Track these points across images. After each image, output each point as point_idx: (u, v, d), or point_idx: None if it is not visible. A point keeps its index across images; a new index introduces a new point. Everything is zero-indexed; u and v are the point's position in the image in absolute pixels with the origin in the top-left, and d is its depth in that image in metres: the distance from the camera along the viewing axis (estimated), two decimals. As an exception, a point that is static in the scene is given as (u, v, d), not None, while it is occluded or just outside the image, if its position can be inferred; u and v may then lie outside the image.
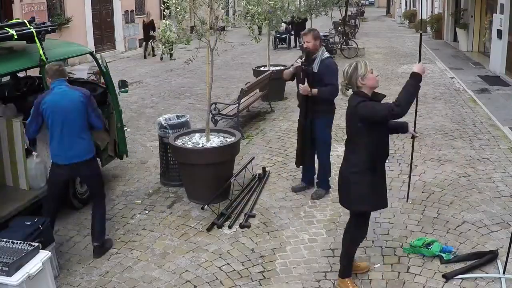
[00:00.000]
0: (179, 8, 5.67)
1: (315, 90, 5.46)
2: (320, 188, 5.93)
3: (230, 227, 5.22)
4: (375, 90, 3.90)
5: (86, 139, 4.56)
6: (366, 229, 4.18)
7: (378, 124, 3.78)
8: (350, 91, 3.94)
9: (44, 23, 5.28)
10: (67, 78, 4.70)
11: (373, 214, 5.42)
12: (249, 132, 8.59)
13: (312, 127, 5.68)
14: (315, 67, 5.47)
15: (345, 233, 4.19)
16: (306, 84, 5.43)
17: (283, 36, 20.16)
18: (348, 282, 4.10)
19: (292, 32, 20.13)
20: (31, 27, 4.88)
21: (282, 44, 20.42)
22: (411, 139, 4.54)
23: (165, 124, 6.24)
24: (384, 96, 3.90)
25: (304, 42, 5.64)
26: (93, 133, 4.85)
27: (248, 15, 6.44)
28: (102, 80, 6.23)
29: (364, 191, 3.86)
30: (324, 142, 5.80)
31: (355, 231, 4.11)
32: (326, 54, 5.63)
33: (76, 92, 4.49)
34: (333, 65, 5.60)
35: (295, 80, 5.84)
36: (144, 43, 18.41)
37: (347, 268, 4.13)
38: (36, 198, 5.10)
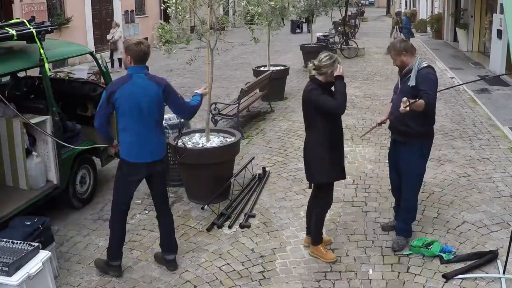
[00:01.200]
0: (179, 8, 5.68)
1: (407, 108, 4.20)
2: (398, 236, 4.77)
3: (230, 227, 5.22)
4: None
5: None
6: (331, 197, 4.68)
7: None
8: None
9: (43, 22, 5.28)
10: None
11: (373, 214, 5.44)
12: (249, 132, 8.59)
13: (398, 157, 4.72)
14: (412, 81, 4.47)
15: (311, 205, 4.70)
16: (405, 99, 4.15)
17: (298, 23, 25.74)
18: (321, 247, 4.60)
19: (303, 20, 23.31)
20: (31, 27, 4.88)
21: (297, 30, 26.28)
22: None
23: (165, 124, 6.22)
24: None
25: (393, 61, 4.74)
26: (91, 132, 4.85)
27: (248, 15, 6.45)
28: (102, 80, 6.22)
29: (323, 166, 4.38)
30: (412, 174, 4.69)
31: (322, 201, 4.61)
32: (424, 64, 4.55)
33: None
34: (432, 75, 4.48)
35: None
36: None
37: (318, 236, 4.64)
38: (36, 198, 5.09)
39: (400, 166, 4.71)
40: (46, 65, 4.91)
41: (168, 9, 5.71)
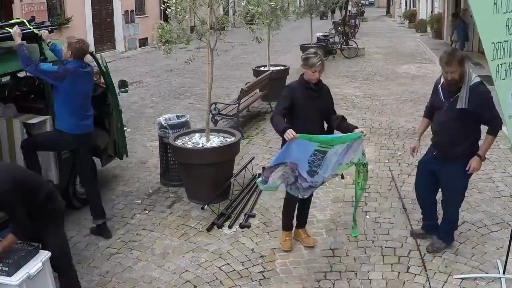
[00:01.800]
0: (179, 8, 5.67)
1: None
2: (440, 240, 4.69)
3: (230, 227, 5.22)
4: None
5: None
6: None
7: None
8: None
9: (43, 22, 5.28)
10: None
11: (373, 214, 5.45)
12: (249, 132, 8.59)
13: (441, 174, 4.49)
14: (462, 102, 4.08)
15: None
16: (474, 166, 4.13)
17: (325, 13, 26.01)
18: (285, 233, 4.78)
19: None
20: (31, 27, 4.88)
21: (324, 17, 26.78)
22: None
23: (165, 124, 6.24)
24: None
25: (447, 74, 4.15)
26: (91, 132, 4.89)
27: (248, 15, 6.45)
28: (102, 80, 6.22)
29: None
30: (457, 193, 4.52)
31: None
32: (477, 79, 4.12)
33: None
34: (490, 94, 4.11)
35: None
36: None
37: (284, 222, 4.83)
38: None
39: (445, 183, 4.49)
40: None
41: (168, 9, 5.70)
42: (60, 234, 3.80)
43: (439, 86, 4.39)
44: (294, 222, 4.89)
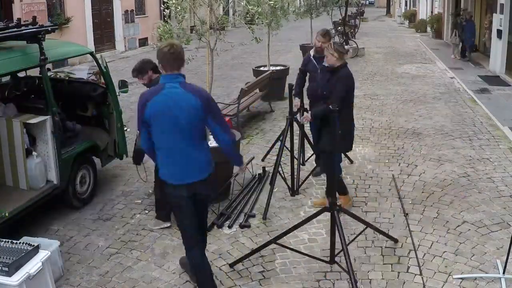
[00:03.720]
0: (179, 8, 5.68)
1: None
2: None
3: (230, 227, 5.22)
4: None
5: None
6: None
7: None
8: None
9: (42, 26, 5.25)
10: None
11: (373, 214, 5.44)
12: (249, 132, 8.59)
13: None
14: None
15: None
16: None
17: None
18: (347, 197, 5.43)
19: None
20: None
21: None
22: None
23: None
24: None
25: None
26: (91, 132, 4.85)
27: (248, 15, 6.45)
28: (102, 80, 6.22)
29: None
30: None
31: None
32: None
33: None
34: None
35: None
36: None
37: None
38: (36, 198, 5.09)
39: None
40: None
41: (166, 10, 5.71)
42: None
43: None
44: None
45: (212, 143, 5.85)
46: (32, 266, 3.54)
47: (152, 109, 3.52)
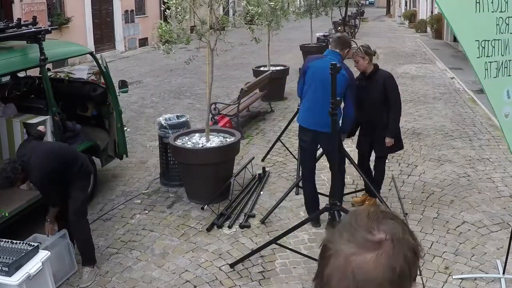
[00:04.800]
0: (180, 8, 5.67)
1: None
2: None
3: (230, 227, 5.22)
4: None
5: None
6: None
7: None
8: None
9: (40, 27, 5.24)
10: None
11: (373, 214, 5.43)
12: (249, 132, 8.59)
13: None
14: None
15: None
16: None
17: None
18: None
19: None
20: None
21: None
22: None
23: (165, 124, 6.24)
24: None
25: None
26: (91, 132, 4.86)
27: (248, 15, 6.45)
28: (102, 80, 6.23)
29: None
30: None
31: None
32: None
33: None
34: None
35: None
36: None
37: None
38: (36, 198, 5.08)
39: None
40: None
41: (167, 10, 5.70)
42: (85, 189, 4.55)
43: None
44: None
45: (212, 143, 5.88)
46: (32, 266, 3.54)
47: (311, 68, 4.79)
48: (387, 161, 7.01)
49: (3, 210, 4.58)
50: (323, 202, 4.98)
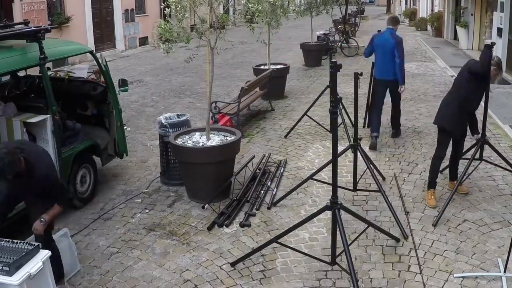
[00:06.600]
0: (179, 7, 5.66)
1: None
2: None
3: (230, 226, 5.22)
4: None
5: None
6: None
7: None
8: None
9: (39, 27, 5.22)
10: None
11: (374, 213, 5.44)
12: (249, 130, 8.58)
13: None
14: None
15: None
16: None
17: None
18: (430, 192, 5.61)
19: None
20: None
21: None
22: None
23: (165, 123, 6.23)
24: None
25: None
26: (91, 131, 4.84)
27: (248, 13, 6.44)
28: (102, 79, 6.22)
29: None
30: None
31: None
32: None
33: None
34: None
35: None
36: None
37: (430, 180, 5.73)
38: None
39: None
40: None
41: (166, 9, 5.69)
42: None
43: None
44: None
45: (213, 142, 5.87)
46: (33, 265, 3.53)
47: (376, 40, 7.49)
48: (387, 159, 7.04)
49: None
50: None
